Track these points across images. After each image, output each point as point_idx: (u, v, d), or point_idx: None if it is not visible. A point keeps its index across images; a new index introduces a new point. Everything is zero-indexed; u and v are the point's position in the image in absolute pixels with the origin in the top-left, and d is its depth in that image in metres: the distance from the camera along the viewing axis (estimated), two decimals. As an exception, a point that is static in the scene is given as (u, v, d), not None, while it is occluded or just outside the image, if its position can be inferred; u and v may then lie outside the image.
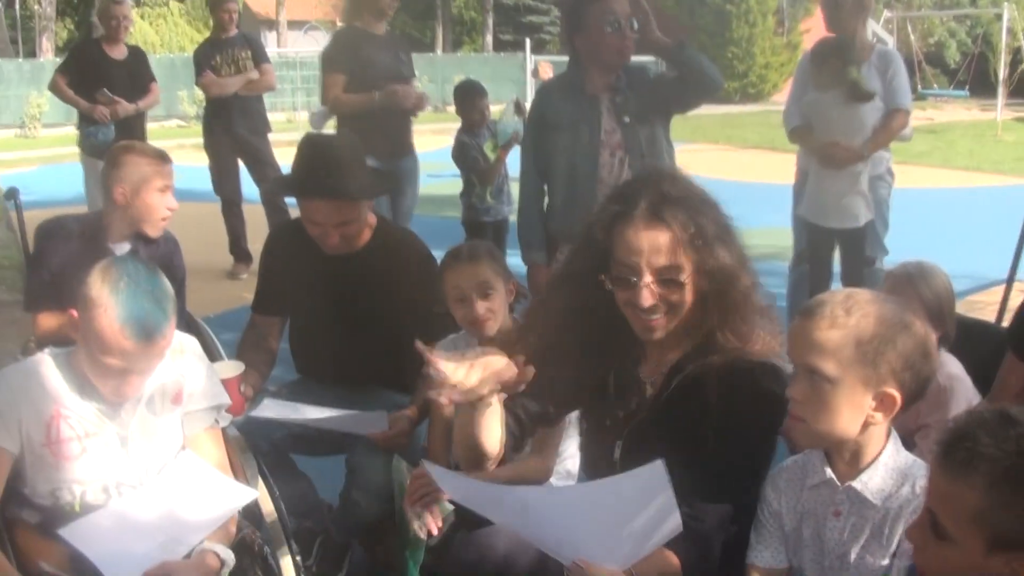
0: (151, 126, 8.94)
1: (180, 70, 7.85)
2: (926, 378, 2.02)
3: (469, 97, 7.08)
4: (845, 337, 1.97)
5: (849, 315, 1.98)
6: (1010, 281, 4.10)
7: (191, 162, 9.37)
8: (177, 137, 17.19)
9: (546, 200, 4.52)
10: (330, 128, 6.79)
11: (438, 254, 3.38)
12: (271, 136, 8.41)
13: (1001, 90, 20.42)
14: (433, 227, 7.26)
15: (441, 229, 8.69)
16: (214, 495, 2.51)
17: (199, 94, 8.19)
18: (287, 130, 15.86)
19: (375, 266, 3.44)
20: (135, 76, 7.97)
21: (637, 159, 4.28)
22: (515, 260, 4.42)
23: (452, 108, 8.14)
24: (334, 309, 3.47)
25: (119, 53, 7.92)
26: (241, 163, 8.23)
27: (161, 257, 3.61)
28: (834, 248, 5.50)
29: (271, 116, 8.67)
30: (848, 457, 2.08)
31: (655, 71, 4.63)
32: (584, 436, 2.60)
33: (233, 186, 8.21)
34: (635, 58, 4.48)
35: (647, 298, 2.22)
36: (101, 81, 7.67)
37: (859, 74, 5.22)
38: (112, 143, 7.41)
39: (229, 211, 8.25)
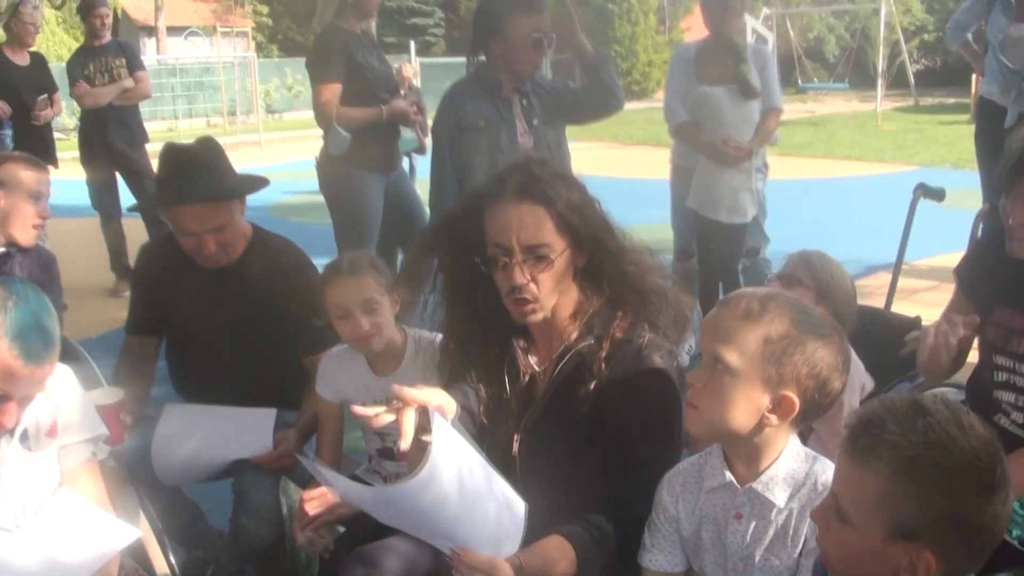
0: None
1: (58, 80, 7.59)
2: (832, 393, 1.97)
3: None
4: (754, 332, 1.93)
5: (764, 310, 1.94)
6: (897, 266, 4.14)
7: (72, 176, 9.06)
8: (56, 151, 16.64)
9: None
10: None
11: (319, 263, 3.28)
12: (152, 147, 8.11)
13: (880, 82, 20.96)
14: (320, 235, 7.13)
15: (328, 236, 8.59)
16: (94, 535, 2.35)
17: (76, 106, 7.91)
18: (169, 139, 15.45)
19: (252, 277, 3.30)
20: (38, 83, 7.75)
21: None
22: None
23: None
24: (211, 325, 3.33)
25: (22, 59, 7.70)
26: (120, 176, 7.98)
27: (38, 266, 3.46)
28: (721, 240, 5.54)
29: (152, 125, 8.46)
30: (745, 457, 2.04)
31: (551, 81, 4.67)
32: (482, 428, 2.52)
33: (112, 200, 7.96)
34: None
35: (518, 276, 2.22)
36: (4, 87, 7.46)
37: (749, 71, 5.27)
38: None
39: (109, 226, 8.00)
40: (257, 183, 3.34)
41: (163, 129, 18.02)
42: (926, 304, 4.90)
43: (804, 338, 1.93)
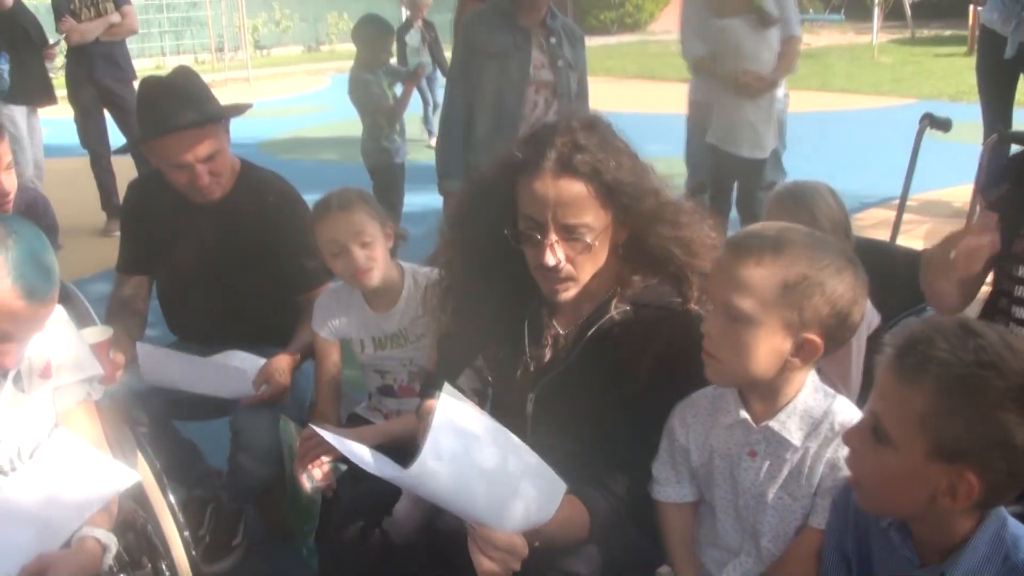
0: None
1: (43, 17, 7.43)
2: (853, 325, 1.93)
3: (376, 35, 6.60)
4: (771, 277, 1.86)
5: (779, 254, 1.86)
6: (903, 199, 4.08)
7: (59, 115, 8.93)
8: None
9: None
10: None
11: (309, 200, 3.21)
12: (138, 84, 8.00)
13: (876, 13, 20.65)
14: (310, 172, 7.05)
15: (318, 173, 8.49)
16: (92, 477, 2.30)
17: (64, 43, 7.77)
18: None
19: (241, 214, 3.22)
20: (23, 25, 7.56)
21: (566, 106, 4.24)
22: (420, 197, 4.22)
23: (325, 47, 7.94)
24: (201, 263, 3.26)
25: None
26: (108, 114, 7.85)
27: (29, 206, 3.34)
28: (737, 175, 5.50)
29: (139, 63, 8.31)
30: (762, 395, 1.99)
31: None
32: (495, 387, 2.46)
33: (100, 138, 7.84)
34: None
35: (551, 257, 2.09)
36: None
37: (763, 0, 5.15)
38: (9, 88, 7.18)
39: (98, 165, 7.89)
40: (241, 106, 3.25)
41: (151, 66, 17.73)
42: (926, 238, 4.85)
43: (823, 277, 1.86)
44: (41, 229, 2.24)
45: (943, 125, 3.93)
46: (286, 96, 17.43)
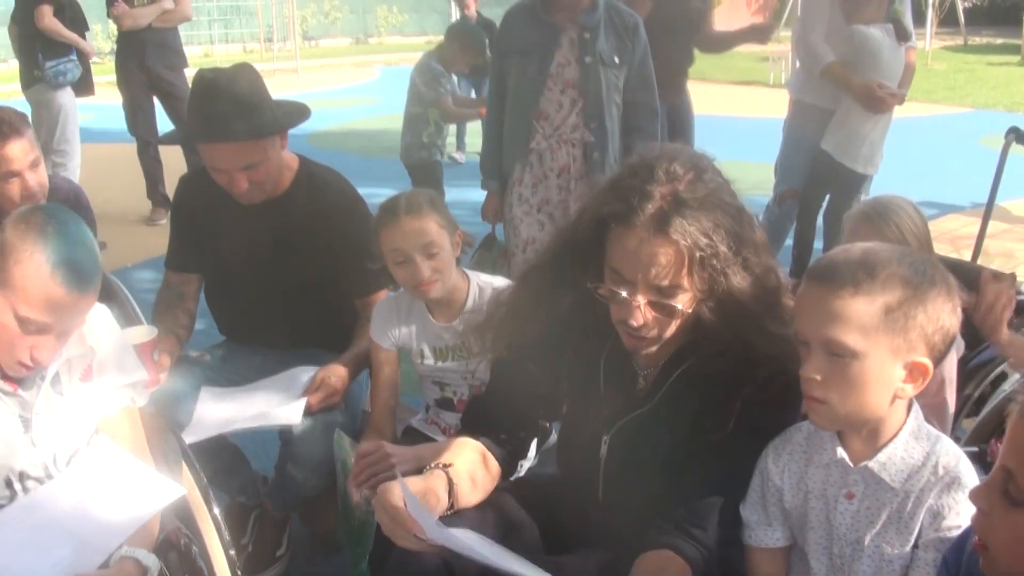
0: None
1: (92, 2, 7.42)
2: (954, 336, 1.77)
3: (470, 43, 6.53)
4: (871, 304, 1.70)
5: (873, 278, 1.71)
6: (987, 214, 3.90)
7: (107, 101, 8.86)
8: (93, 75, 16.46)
9: None
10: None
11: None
12: (188, 72, 7.89)
13: (930, 18, 20.35)
14: (357, 166, 6.94)
15: (366, 167, 8.38)
16: (134, 490, 2.16)
17: (113, 28, 7.68)
18: (204, 65, 15.26)
19: (297, 214, 3.07)
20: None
21: (594, 106, 4.09)
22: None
23: (374, 40, 7.91)
24: (253, 263, 3.11)
25: None
26: (157, 101, 7.75)
27: (64, 201, 3.23)
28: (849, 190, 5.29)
29: (188, 50, 8.20)
30: (865, 434, 1.83)
31: (639, 32, 4.24)
32: (564, 427, 2.32)
33: (148, 126, 7.72)
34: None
35: (637, 317, 1.92)
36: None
37: (903, 11, 4.97)
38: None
39: (145, 152, 7.77)
40: (295, 117, 3.09)
41: (199, 54, 17.76)
42: (994, 253, 4.66)
43: (922, 292, 1.72)
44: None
45: (1031, 140, 3.74)
46: (334, 88, 17.35)
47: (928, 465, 1.80)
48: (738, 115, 12.22)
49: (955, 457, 1.80)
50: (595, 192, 2.03)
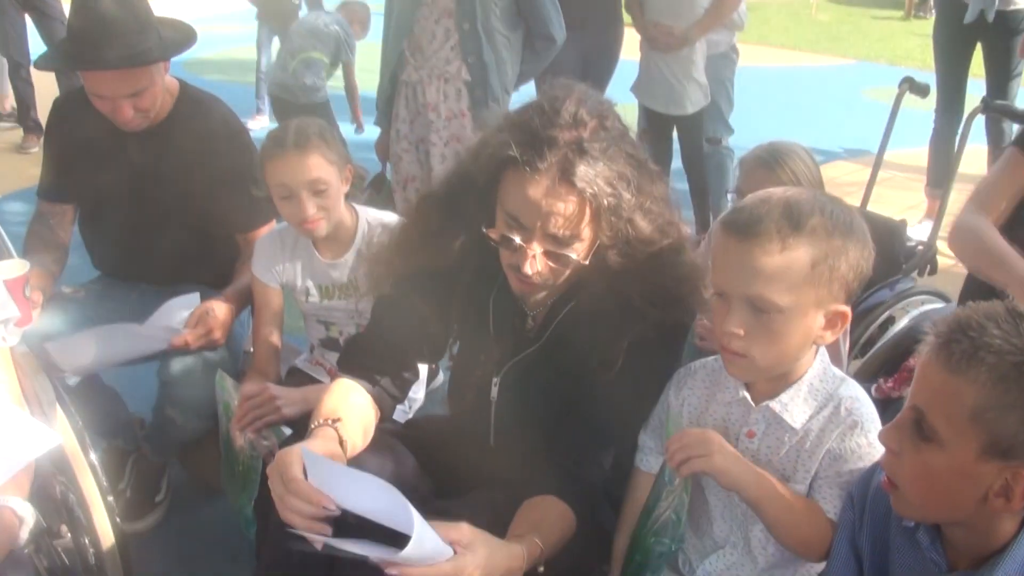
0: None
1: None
2: (867, 276, 1.76)
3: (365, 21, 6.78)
4: (798, 260, 1.66)
5: (799, 230, 1.66)
6: (877, 163, 3.91)
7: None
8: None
9: None
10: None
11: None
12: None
13: (816, -32, 20.58)
14: (238, 96, 6.68)
15: (246, 97, 8.14)
16: (6, 437, 2.03)
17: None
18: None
19: (178, 140, 2.91)
20: None
21: (471, 39, 3.85)
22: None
23: None
24: (132, 193, 2.94)
25: None
26: (29, 18, 7.30)
27: None
28: (672, 129, 5.28)
29: (68, -38, 7.77)
30: (771, 375, 1.82)
31: None
32: (455, 369, 2.25)
33: (19, 46, 7.30)
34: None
35: (528, 267, 1.85)
36: None
37: None
38: None
39: (16, 75, 7.37)
40: (180, 43, 2.91)
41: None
42: (881, 201, 4.72)
43: (844, 241, 1.69)
44: None
45: (921, 91, 3.77)
46: (212, 14, 16.74)
47: (830, 405, 1.80)
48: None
49: (858, 400, 1.81)
50: (495, 129, 1.92)
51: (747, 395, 1.84)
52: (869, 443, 1.76)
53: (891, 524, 1.65)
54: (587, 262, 1.88)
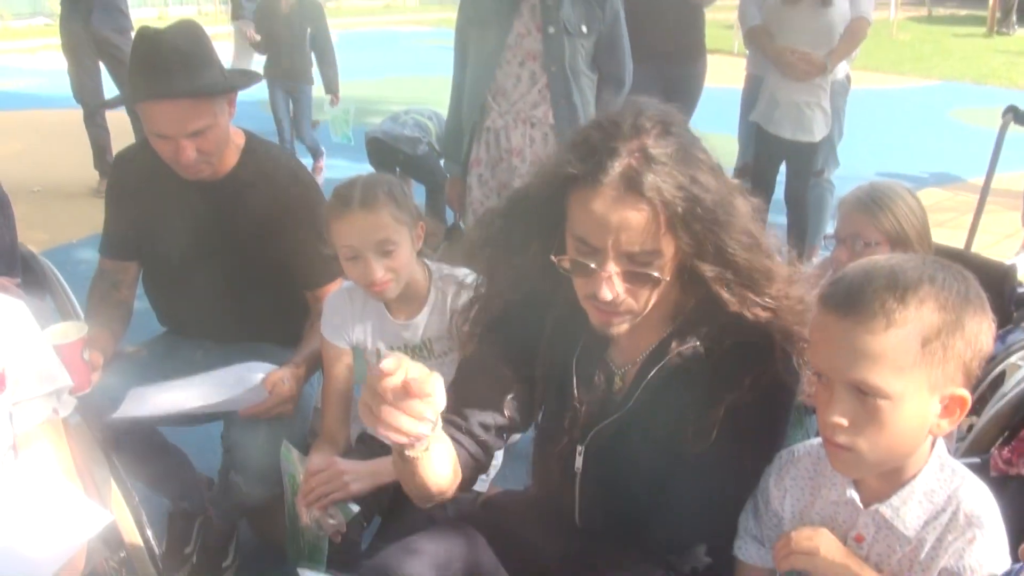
0: (15, 25, 8.02)
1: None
2: (989, 354, 1.55)
3: None
4: (907, 338, 1.46)
5: (906, 305, 1.46)
6: (982, 199, 3.70)
7: (53, 65, 8.50)
8: (43, 36, 15.99)
9: None
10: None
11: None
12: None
13: (895, -12, 20.21)
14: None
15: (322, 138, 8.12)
16: (59, 519, 1.91)
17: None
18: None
19: (245, 193, 2.80)
20: None
21: (560, 82, 3.76)
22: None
23: (332, 4, 7.79)
24: (197, 249, 2.84)
25: None
26: (104, 66, 7.37)
27: None
28: (782, 159, 5.18)
29: (141, 11, 7.88)
30: (882, 472, 1.62)
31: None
32: (539, 437, 2.08)
33: (95, 92, 7.35)
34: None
35: (606, 291, 1.68)
36: None
37: None
38: None
39: (91, 120, 7.44)
40: (247, 78, 2.82)
41: (153, 17, 17.26)
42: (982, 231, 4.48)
43: (959, 315, 1.48)
44: None
45: (1030, 120, 3.55)
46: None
47: (948, 511, 1.59)
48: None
49: (979, 505, 1.59)
50: (552, 155, 1.80)
51: (855, 496, 1.65)
52: (990, 558, 1.56)
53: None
54: (669, 277, 1.70)
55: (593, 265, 1.68)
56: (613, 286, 1.68)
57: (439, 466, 1.71)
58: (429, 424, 1.43)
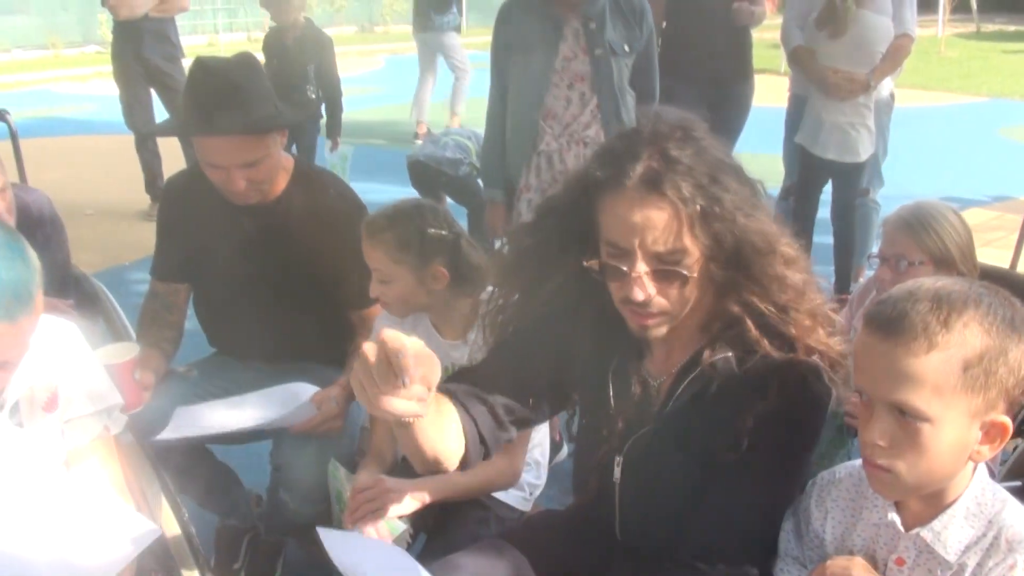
0: (68, 53, 8.17)
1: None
2: None
3: None
4: (949, 361, 1.46)
5: (949, 329, 1.46)
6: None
7: (105, 92, 8.65)
8: (95, 64, 16.26)
9: None
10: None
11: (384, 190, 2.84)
12: (186, 63, 7.66)
13: (943, 4, 20.04)
14: (360, 157, 6.72)
15: (370, 158, 8.18)
16: (109, 533, 1.95)
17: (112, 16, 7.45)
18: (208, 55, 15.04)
19: (293, 217, 2.85)
20: None
21: (610, 101, 3.81)
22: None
23: (380, 29, 7.74)
24: (246, 271, 2.89)
25: None
26: (155, 93, 7.51)
27: (23, 208, 2.93)
28: (827, 180, 5.17)
29: (192, 39, 8.00)
30: (925, 495, 1.62)
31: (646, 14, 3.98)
32: (577, 448, 2.09)
33: (146, 118, 7.47)
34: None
35: (639, 292, 1.71)
36: None
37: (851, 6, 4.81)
38: None
39: (143, 146, 7.54)
40: (300, 113, 2.87)
41: (202, 44, 17.50)
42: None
43: (1003, 341, 1.48)
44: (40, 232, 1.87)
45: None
46: (343, 77, 17.11)
47: (989, 535, 1.59)
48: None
49: (1021, 526, 1.59)
50: (580, 169, 1.85)
51: (896, 519, 1.64)
52: None
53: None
54: (696, 274, 1.73)
55: (624, 267, 1.72)
56: (644, 286, 1.72)
57: (436, 435, 1.72)
58: (420, 405, 1.47)
